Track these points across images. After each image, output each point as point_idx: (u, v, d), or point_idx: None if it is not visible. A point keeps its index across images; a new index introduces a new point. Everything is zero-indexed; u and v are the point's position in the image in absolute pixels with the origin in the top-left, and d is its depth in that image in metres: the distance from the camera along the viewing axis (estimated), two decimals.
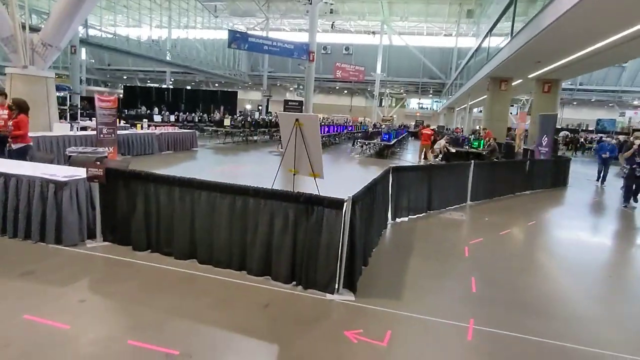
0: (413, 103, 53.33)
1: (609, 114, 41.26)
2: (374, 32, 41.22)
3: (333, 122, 25.67)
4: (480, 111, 43.75)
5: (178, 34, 39.11)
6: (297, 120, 3.59)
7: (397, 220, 5.47)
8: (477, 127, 41.10)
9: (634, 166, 7.22)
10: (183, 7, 37.96)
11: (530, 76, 18.20)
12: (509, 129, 24.51)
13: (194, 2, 38.98)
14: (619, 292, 3.95)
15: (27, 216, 3.90)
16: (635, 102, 41.53)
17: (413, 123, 45.75)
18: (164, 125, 12.09)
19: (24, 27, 8.28)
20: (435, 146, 13.13)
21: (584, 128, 39.93)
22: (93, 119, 11.54)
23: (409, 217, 5.74)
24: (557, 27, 9.00)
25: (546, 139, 9.59)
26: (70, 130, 8.64)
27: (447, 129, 38.61)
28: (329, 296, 3.09)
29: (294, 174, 3.91)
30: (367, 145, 15.67)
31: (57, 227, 3.82)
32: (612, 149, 10.17)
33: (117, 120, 9.15)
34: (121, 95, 30.41)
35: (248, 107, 44.94)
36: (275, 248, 3.28)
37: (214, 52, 42.03)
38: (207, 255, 3.55)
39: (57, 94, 12.27)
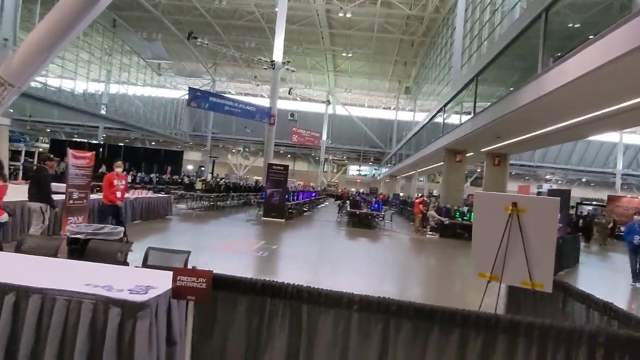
0: (352, 170, 54.79)
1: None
2: (328, 101, 42.81)
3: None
4: (418, 179, 46.10)
5: (117, 89, 36.64)
6: (514, 205, 2.49)
7: None
8: (418, 195, 42.90)
9: None
10: (125, 62, 36.06)
11: (482, 150, 19.31)
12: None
13: (136, 59, 37.34)
14: None
15: None
16: (548, 177, 46.76)
17: (362, 190, 46.32)
18: (137, 189, 9.99)
19: None
20: (430, 219, 12.64)
21: None
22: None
23: None
24: (535, 105, 9.46)
25: (558, 215, 9.46)
26: None
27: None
28: None
29: (489, 282, 2.70)
30: (348, 214, 14.73)
31: None
32: None
33: (90, 182, 7.15)
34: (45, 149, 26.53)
35: (190, 167, 42.37)
36: None
37: (154, 109, 39.91)
38: None
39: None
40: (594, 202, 27.85)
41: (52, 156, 6.44)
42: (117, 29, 32.73)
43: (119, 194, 6.51)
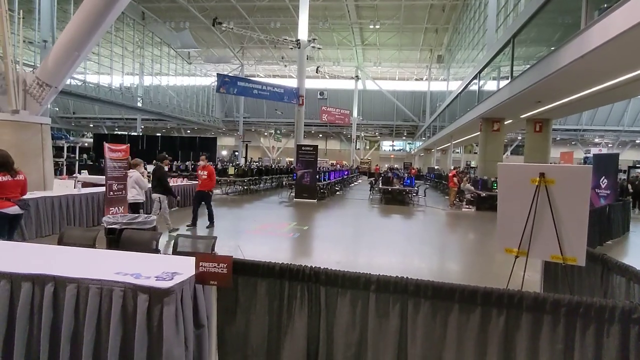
0: (385, 145, 53.93)
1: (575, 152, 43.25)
2: (357, 77, 42.00)
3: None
4: (454, 151, 44.70)
5: (150, 80, 37.75)
6: (542, 175, 2.35)
7: None
8: (452, 167, 41.62)
9: None
10: (156, 54, 36.95)
11: (522, 116, 18.38)
12: None
13: (167, 49, 38.13)
14: None
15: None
16: (597, 140, 43.90)
17: (396, 165, 45.72)
18: (173, 178, 10.39)
19: (16, 63, 6.68)
20: (466, 192, 12.27)
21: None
22: (83, 171, 9.73)
23: None
24: (579, 64, 8.75)
25: (605, 180, 8.91)
26: (74, 188, 6.86)
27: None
28: None
29: (516, 257, 2.60)
30: (381, 191, 14.60)
31: None
32: None
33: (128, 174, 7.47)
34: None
35: (224, 152, 43.35)
36: None
37: (187, 98, 40.86)
38: None
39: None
40: None
41: (166, 155, 7.85)
42: (146, 21, 33.44)
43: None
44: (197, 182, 11.29)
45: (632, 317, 1.84)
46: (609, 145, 42.82)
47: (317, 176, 13.45)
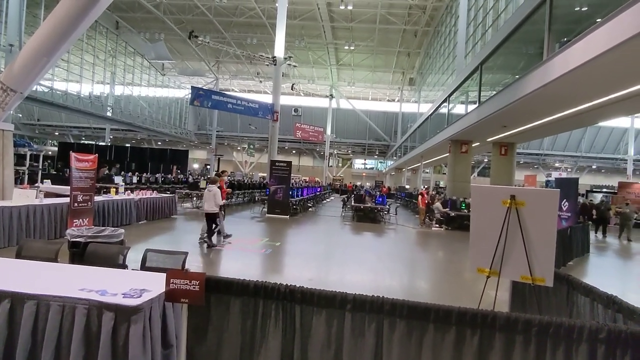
0: (358, 163, 54.65)
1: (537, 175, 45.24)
2: (331, 95, 42.60)
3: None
4: (424, 171, 45.74)
5: (122, 90, 36.85)
6: (512, 197, 2.43)
7: None
8: (423, 187, 42.50)
9: None
10: (129, 64, 36.21)
11: (489, 140, 19.09)
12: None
13: (140, 60, 37.46)
14: None
15: None
16: (557, 164, 46.14)
17: (368, 184, 46.30)
18: (142, 190, 10.05)
19: None
20: (436, 212, 12.52)
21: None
22: (46, 181, 9.31)
23: None
24: (542, 93, 9.29)
25: (567, 204, 9.34)
26: (36, 198, 6.48)
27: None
28: None
29: (488, 277, 2.64)
30: (353, 209, 14.69)
31: None
32: None
33: (94, 185, 7.18)
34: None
35: (195, 166, 42.56)
36: None
37: (160, 109, 40.11)
38: None
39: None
40: (604, 190, 27.38)
41: (221, 174, 8.71)
42: (120, 30, 32.84)
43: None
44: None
45: (599, 337, 1.91)
46: (568, 169, 45.08)
47: (290, 192, 13.40)
